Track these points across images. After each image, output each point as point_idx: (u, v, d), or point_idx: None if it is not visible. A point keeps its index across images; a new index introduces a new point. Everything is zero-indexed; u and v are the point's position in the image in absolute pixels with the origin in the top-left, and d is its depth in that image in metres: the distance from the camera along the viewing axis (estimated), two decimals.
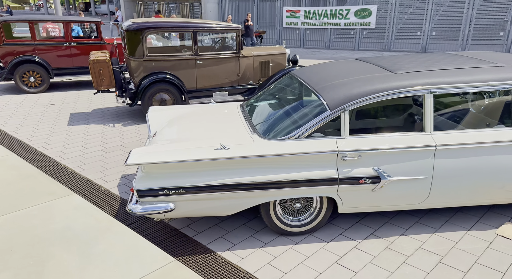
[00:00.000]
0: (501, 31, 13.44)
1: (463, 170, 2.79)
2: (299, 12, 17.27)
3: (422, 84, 2.82)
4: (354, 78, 3.01)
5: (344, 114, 2.81)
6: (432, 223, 3.12)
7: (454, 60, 3.20)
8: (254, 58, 6.35)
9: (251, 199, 2.78)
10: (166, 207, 2.68)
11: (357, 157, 2.76)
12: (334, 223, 3.18)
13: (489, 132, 2.80)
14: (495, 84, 2.81)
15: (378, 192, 2.83)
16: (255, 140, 2.85)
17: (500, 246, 2.77)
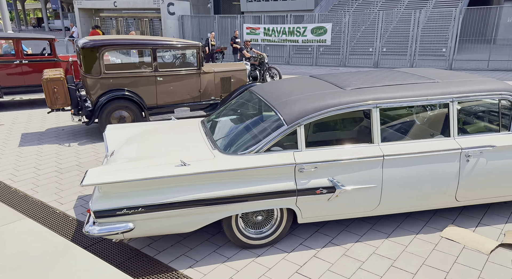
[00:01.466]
0: (444, 47, 14.60)
1: (409, 178, 3.01)
2: (259, 29, 17.73)
3: (369, 99, 3.04)
4: (308, 95, 3.18)
5: (300, 128, 2.95)
6: (384, 228, 3.31)
7: (398, 77, 3.49)
8: (215, 74, 6.46)
9: (213, 214, 2.83)
10: (125, 227, 2.65)
11: (313, 168, 2.90)
12: (294, 234, 3.29)
13: (430, 142, 3.06)
14: (433, 98, 3.09)
15: (333, 201, 2.98)
16: (215, 155, 2.92)
17: (444, 247, 2.99)
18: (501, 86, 3.12)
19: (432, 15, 16.78)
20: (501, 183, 3.11)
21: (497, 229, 3.19)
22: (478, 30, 15.13)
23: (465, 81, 3.23)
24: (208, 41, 14.16)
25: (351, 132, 3.91)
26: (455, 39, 13.58)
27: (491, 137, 3.08)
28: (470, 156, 3.03)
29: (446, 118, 3.13)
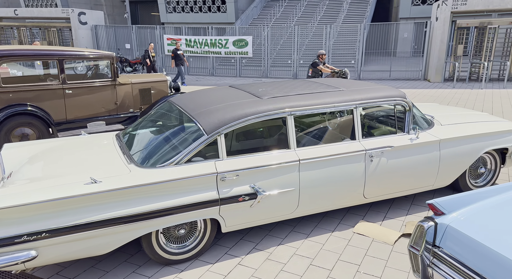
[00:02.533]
0: (353, 59, 16.03)
1: (323, 179, 3.23)
2: (180, 40, 17.55)
3: (284, 107, 3.20)
4: (227, 104, 3.24)
5: (221, 137, 2.99)
6: (304, 229, 3.48)
7: (308, 86, 3.74)
8: (133, 85, 6.22)
9: (131, 232, 2.69)
10: (27, 255, 2.39)
11: (235, 176, 2.94)
12: (219, 244, 3.28)
13: (339, 145, 3.33)
14: (339, 105, 3.37)
15: (256, 207, 3.06)
16: (131, 170, 2.80)
17: (356, 242, 3.25)
18: (396, 93, 3.54)
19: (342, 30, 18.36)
20: (400, 179, 3.50)
21: (399, 221, 3.57)
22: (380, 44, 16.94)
23: (365, 89, 3.59)
24: (147, 52, 13.38)
25: (269, 139, 4.05)
26: (361, 52, 15.00)
27: (389, 139, 3.45)
28: (373, 156, 3.36)
29: (352, 123, 3.43)
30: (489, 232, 1.84)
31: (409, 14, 25.34)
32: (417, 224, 2.07)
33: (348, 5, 25.10)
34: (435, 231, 2.01)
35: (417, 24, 22.03)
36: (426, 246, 2.02)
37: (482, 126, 3.78)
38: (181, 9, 30.73)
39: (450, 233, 1.95)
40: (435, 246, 2.01)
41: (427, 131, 3.62)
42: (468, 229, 1.90)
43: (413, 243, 2.09)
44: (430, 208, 2.08)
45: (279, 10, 26.67)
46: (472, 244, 1.84)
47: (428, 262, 2.03)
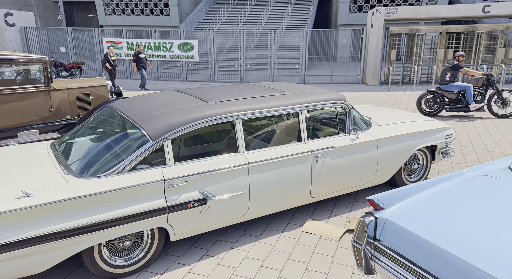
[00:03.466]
0: (297, 64, 16.55)
1: (272, 181, 3.28)
2: (121, 43, 16.86)
3: (232, 111, 3.21)
4: (173, 109, 3.17)
5: (167, 143, 2.91)
6: (255, 232, 3.51)
7: (255, 90, 3.79)
8: (69, 91, 5.84)
9: (71, 247, 2.52)
10: None
11: (183, 182, 2.88)
12: (168, 253, 3.19)
13: (287, 148, 3.41)
14: (285, 108, 3.46)
15: (206, 213, 3.02)
16: (69, 181, 2.62)
17: (305, 241, 3.35)
18: (337, 96, 3.71)
19: (285, 35, 18.88)
20: (344, 177, 3.67)
21: (344, 218, 3.74)
22: (322, 49, 17.69)
23: (309, 92, 3.72)
24: (107, 56, 12.62)
25: (218, 143, 4.04)
26: (305, 57, 15.55)
27: (332, 140, 3.61)
28: (318, 157, 3.49)
29: (298, 125, 3.54)
30: (423, 224, 2.00)
31: (347, 21, 26.80)
32: (359, 219, 2.18)
33: (291, 12, 25.92)
34: (375, 226, 2.13)
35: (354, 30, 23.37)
36: (367, 240, 2.14)
37: (415, 126, 4.10)
38: (121, 11, 29.56)
39: (389, 226, 2.08)
40: (376, 239, 2.13)
41: (366, 132, 3.85)
42: (405, 221, 2.04)
43: (356, 238, 2.20)
44: (370, 204, 2.20)
45: (224, 15, 26.76)
46: (408, 236, 1.98)
47: (370, 255, 2.14)
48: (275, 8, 26.92)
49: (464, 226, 1.91)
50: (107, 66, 12.61)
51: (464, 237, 1.83)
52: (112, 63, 12.68)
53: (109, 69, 12.68)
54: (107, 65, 12.59)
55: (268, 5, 27.58)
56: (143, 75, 13.14)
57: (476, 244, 1.76)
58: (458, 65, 7.91)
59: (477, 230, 1.86)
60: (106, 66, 12.65)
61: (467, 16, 13.29)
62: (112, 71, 12.79)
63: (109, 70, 12.72)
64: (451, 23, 22.81)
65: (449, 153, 4.32)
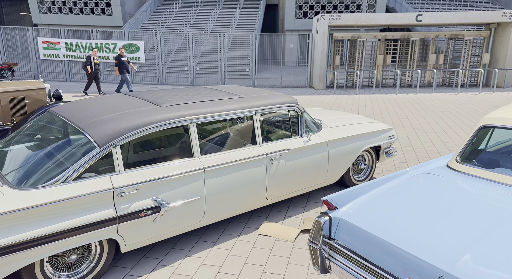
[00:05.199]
0: (247, 67, 16.68)
1: (228, 185, 3.25)
2: (59, 44, 15.80)
3: (186, 115, 3.13)
4: (122, 113, 3.01)
5: (116, 149, 2.76)
6: (211, 237, 3.45)
7: (209, 94, 3.74)
8: (1, 94, 5.33)
9: (8, 265, 2.29)
10: None
11: (135, 190, 2.75)
12: (118, 265, 3.02)
13: (242, 151, 3.40)
14: (240, 112, 3.45)
15: (159, 221, 2.91)
16: (5, 193, 2.39)
17: (261, 244, 3.36)
18: (289, 99, 3.79)
19: (235, 38, 18.95)
20: (297, 178, 3.75)
21: (298, 219, 3.81)
22: (270, 53, 18.02)
23: (263, 96, 3.76)
24: (90, 59, 11.72)
25: (171, 148, 3.92)
26: (254, 60, 15.72)
27: (286, 142, 3.68)
28: (273, 159, 3.52)
29: (252, 128, 3.55)
30: (373, 221, 2.10)
31: (293, 26, 27.61)
32: (315, 220, 2.24)
33: (239, 16, 26.09)
34: (330, 225, 2.20)
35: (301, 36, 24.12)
36: (323, 239, 2.20)
37: (361, 128, 4.32)
38: (58, 9, 27.73)
39: (343, 225, 2.16)
40: (331, 238, 2.19)
41: (317, 134, 3.97)
42: (356, 220, 2.13)
43: (312, 238, 2.25)
44: (325, 204, 2.27)
45: (171, 16, 26.21)
46: (359, 233, 2.07)
47: (326, 255, 2.21)
48: (223, 11, 26.93)
49: (408, 220, 2.04)
50: (88, 69, 11.83)
51: (408, 231, 1.95)
52: (93, 66, 11.94)
53: (89, 73, 11.91)
54: (88, 68, 11.82)
55: (216, 8, 27.52)
56: (126, 79, 12.38)
57: (419, 236, 1.89)
58: None
59: (420, 223, 2.00)
60: (86, 69, 11.86)
61: (403, 24, 14.35)
62: (92, 75, 12.03)
63: (89, 74, 11.95)
64: (389, 30, 24.48)
65: (392, 153, 4.61)
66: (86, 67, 11.96)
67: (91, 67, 11.95)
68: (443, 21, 13.90)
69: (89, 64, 11.91)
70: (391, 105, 10.83)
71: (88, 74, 12.05)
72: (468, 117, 9.10)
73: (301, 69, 19.77)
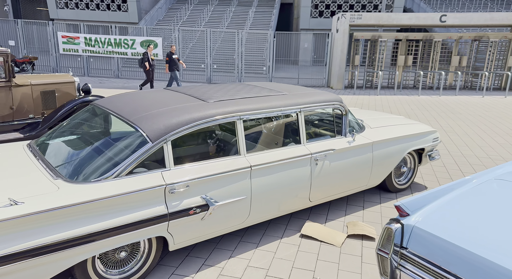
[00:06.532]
0: (264, 66, 16.57)
1: (273, 185, 3.15)
2: (78, 38, 15.86)
3: (233, 111, 3.04)
4: (171, 108, 2.93)
5: (167, 145, 2.68)
6: (253, 238, 3.35)
7: (251, 90, 3.64)
8: (33, 87, 5.31)
9: (63, 261, 2.22)
10: None
11: (185, 187, 2.67)
12: (163, 263, 2.95)
13: (287, 150, 3.29)
14: (285, 109, 3.34)
15: (207, 220, 2.82)
16: (60, 186, 2.32)
17: (306, 247, 3.24)
18: (334, 97, 3.67)
19: (250, 36, 18.86)
20: (341, 180, 3.63)
21: (340, 222, 3.69)
22: (284, 52, 17.88)
23: (307, 93, 3.64)
24: (146, 55, 11.56)
25: (217, 145, 3.82)
26: (272, 59, 15.59)
27: (331, 142, 3.56)
28: (318, 159, 3.41)
29: (297, 127, 3.43)
30: (451, 229, 1.97)
31: (308, 26, 27.37)
32: (385, 226, 2.12)
33: (254, 14, 25.97)
34: (402, 233, 2.08)
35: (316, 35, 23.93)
36: (394, 248, 2.08)
37: (405, 129, 4.17)
38: (75, 5, 27.90)
39: (417, 233, 2.03)
40: (403, 247, 2.07)
41: (361, 134, 3.84)
42: (434, 228, 2.00)
43: (381, 246, 2.13)
44: (397, 210, 2.15)
45: (186, 14, 26.19)
46: (437, 242, 1.94)
47: (396, 264, 2.08)
48: (238, 9, 26.82)
49: (488, 228, 1.91)
50: (146, 66, 11.66)
51: (493, 240, 1.82)
52: (151, 63, 11.79)
53: (147, 69, 11.74)
54: (146, 65, 11.64)
55: (231, 6, 27.42)
56: (176, 77, 12.14)
57: (502, 245, 1.76)
58: None
59: (502, 231, 1.87)
60: (144, 65, 11.68)
61: (426, 24, 14.08)
62: (150, 71, 11.86)
63: (147, 71, 11.79)
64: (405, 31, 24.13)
65: (435, 156, 4.46)
66: (143, 64, 11.75)
67: (149, 63, 11.77)
68: (468, 22, 13.61)
69: (147, 61, 11.73)
70: (416, 107, 10.62)
71: (146, 71, 11.88)
72: (500, 121, 8.86)
73: (316, 69, 19.59)
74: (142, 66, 11.83)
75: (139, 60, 11.95)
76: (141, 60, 11.85)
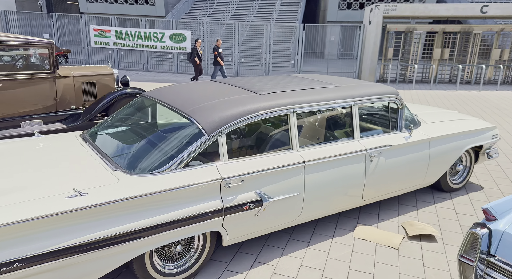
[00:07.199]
0: (292, 60, 16.32)
1: (326, 182, 3.00)
2: (109, 31, 16.07)
3: (287, 104, 2.90)
4: (223, 100, 2.83)
5: (222, 137, 2.59)
6: (302, 237, 3.23)
7: (301, 82, 3.48)
8: (75, 79, 5.35)
9: (123, 254, 2.18)
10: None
11: (239, 182, 2.57)
12: (214, 258, 2.87)
13: (340, 145, 3.12)
14: (339, 102, 3.17)
15: (260, 216, 2.72)
16: (120, 178, 2.26)
17: (360, 248, 3.08)
18: (390, 89, 3.46)
19: (277, 29, 18.57)
20: (396, 178, 3.43)
21: (393, 223, 3.50)
22: (310, 45, 17.50)
23: (360, 85, 3.45)
24: (195, 50, 11.60)
25: (268, 139, 3.68)
26: (300, 52, 15.31)
27: (386, 138, 3.36)
28: (373, 156, 3.23)
29: (351, 121, 3.25)
30: None
31: (336, 18, 26.75)
32: (469, 231, 1.94)
33: (280, 7, 25.60)
34: (489, 239, 1.89)
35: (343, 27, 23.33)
36: (480, 255, 1.90)
37: (463, 125, 3.91)
38: None
39: (508, 240, 1.84)
40: (490, 255, 1.89)
41: (417, 130, 3.62)
42: None
43: (464, 253, 1.96)
44: (484, 213, 1.96)
45: (211, 7, 26.14)
46: None
47: (482, 273, 1.90)
48: (264, 2, 26.51)
49: None
50: (196, 61, 11.62)
51: None
52: (200, 57, 11.79)
53: (197, 64, 11.72)
54: (196, 60, 11.61)
55: None
56: (216, 71, 12.06)
57: None
58: None
59: None
60: (194, 60, 11.65)
61: (465, 15, 13.42)
62: (199, 66, 11.84)
63: (197, 65, 11.76)
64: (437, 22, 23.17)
65: (493, 154, 4.17)
66: (193, 58, 11.67)
67: (199, 58, 11.69)
68: (511, 13, 12.86)
69: (197, 56, 11.66)
70: (455, 102, 10.15)
71: (196, 66, 11.81)
72: None
73: (343, 63, 19.13)
74: (192, 60, 11.71)
75: (188, 55, 11.87)
76: (190, 54, 11.78)
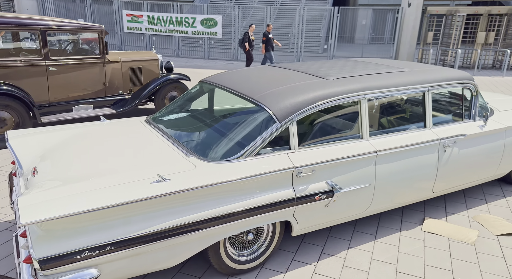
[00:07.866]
0: (325, 44, 15.88)
1: (398, 173, 2.83)
2: (142, 17, 16.13)
3: (357, 89, 2.73)
4: (290, 86, 2.69)
5: (293, 125, 2.47)
6: (367, 229, 3.10)
7: (366, 66, 3.29)
8: (123, 64, 5.35)
9: (200, 241, 2.16)
10: (88, 275, 1.79)
11: (311, 171, 2.46)
12: (281, 248, 2.80)
13: (413, 134, 2.93)
14: (412, 87, 2.97)
15: (330, 207, 2.60)
16: (196, 165, 2.20)
17: (433, 243, 2.92)
18: (464, 74, 3.21)
19: (308, 12, 18.06)
20: (469, 170, 3.21)
21: (463, 216, 3.30)
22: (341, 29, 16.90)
23: (432, 70, 3.23)
24: (247, 35, 11.00)
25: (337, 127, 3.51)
26: (334, 36, 14.84)
27: (460, 126, 3.14)
28: (447, 146, 3.02)
29: (423, 108, 3.04)
30: None
31: (368, 1, 25.73)
32: None
33: None
34: None
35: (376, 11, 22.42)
36: None
37: None
38: None
39: None
40: None
41: (492, 118, 3.37)
42: None
43: None
44: None
45: None
46: None
47: None
48: None
49: None
50: (246, 46, 11.02)
51: None
52: (251, 43, 11.13)
53: (247, 50, 11.15)
54: (246, 45, 11.00)
55: None
56: (270, 57, 11.44)
57: None
58: None
59: None
60: (244, 46, 11.04)
61: None
62: (250, 52, 11.25)
63: (247, 51, 11.21)
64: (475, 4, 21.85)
65: None
66: (243, 44, 11.05)
67: (249, 44, 11.04)
68: None
69: (248, 41, 10.98)
70: (504, 89, 9.58)
71: (246, 51, 11.26)
72: None
73: (375, 47, 18.45)
74: (242, 46, 11.20)
75: (239, 40, 11.31)
76: (241, 40, 11.25)
